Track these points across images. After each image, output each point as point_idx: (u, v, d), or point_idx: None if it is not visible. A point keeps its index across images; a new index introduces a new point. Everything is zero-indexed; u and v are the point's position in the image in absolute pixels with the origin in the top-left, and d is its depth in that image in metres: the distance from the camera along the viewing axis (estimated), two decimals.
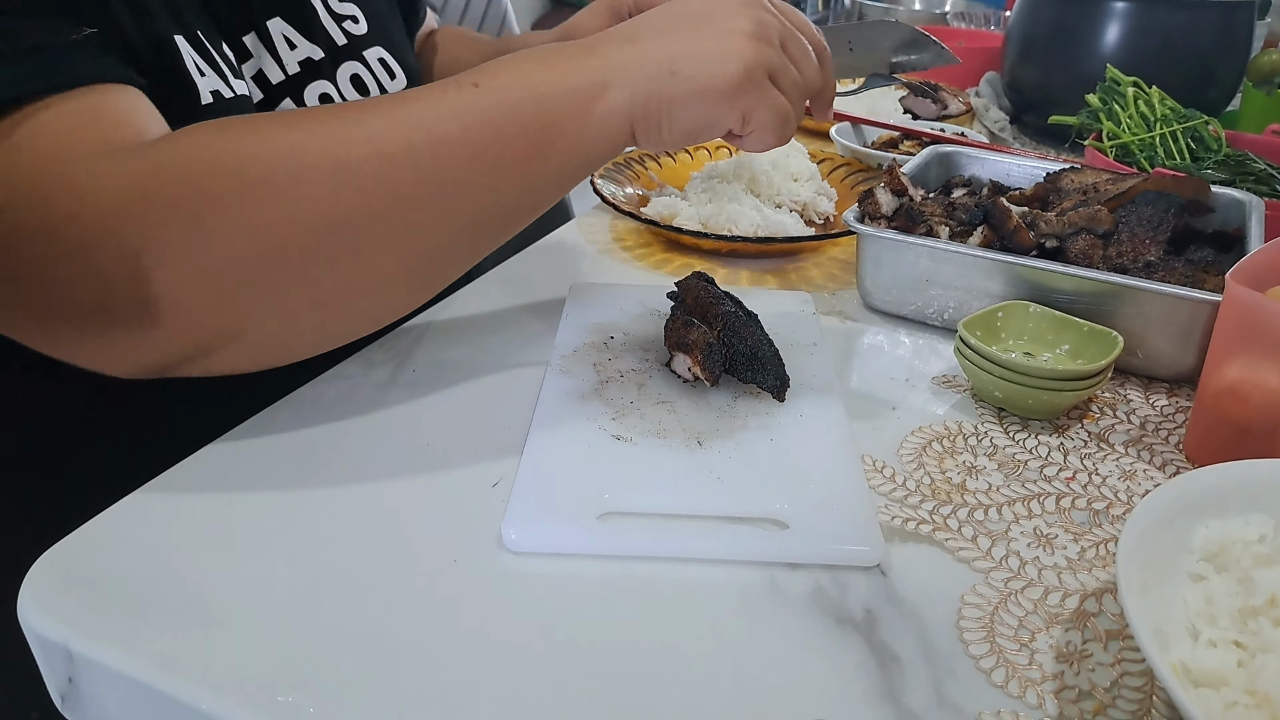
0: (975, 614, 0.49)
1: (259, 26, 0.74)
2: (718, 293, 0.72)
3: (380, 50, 0.84)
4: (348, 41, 0.81)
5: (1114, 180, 0.81)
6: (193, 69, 0.64)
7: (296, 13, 0.77)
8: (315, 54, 0.77)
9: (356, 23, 0.82)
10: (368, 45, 0.83)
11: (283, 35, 0.75)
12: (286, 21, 0.76)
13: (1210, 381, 0.60)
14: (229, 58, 0.70)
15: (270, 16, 0.75)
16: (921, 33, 0.82)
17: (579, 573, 0.50)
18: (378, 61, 0.83)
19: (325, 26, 0.79)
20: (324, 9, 0.80)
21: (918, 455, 0.61)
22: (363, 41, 0.82)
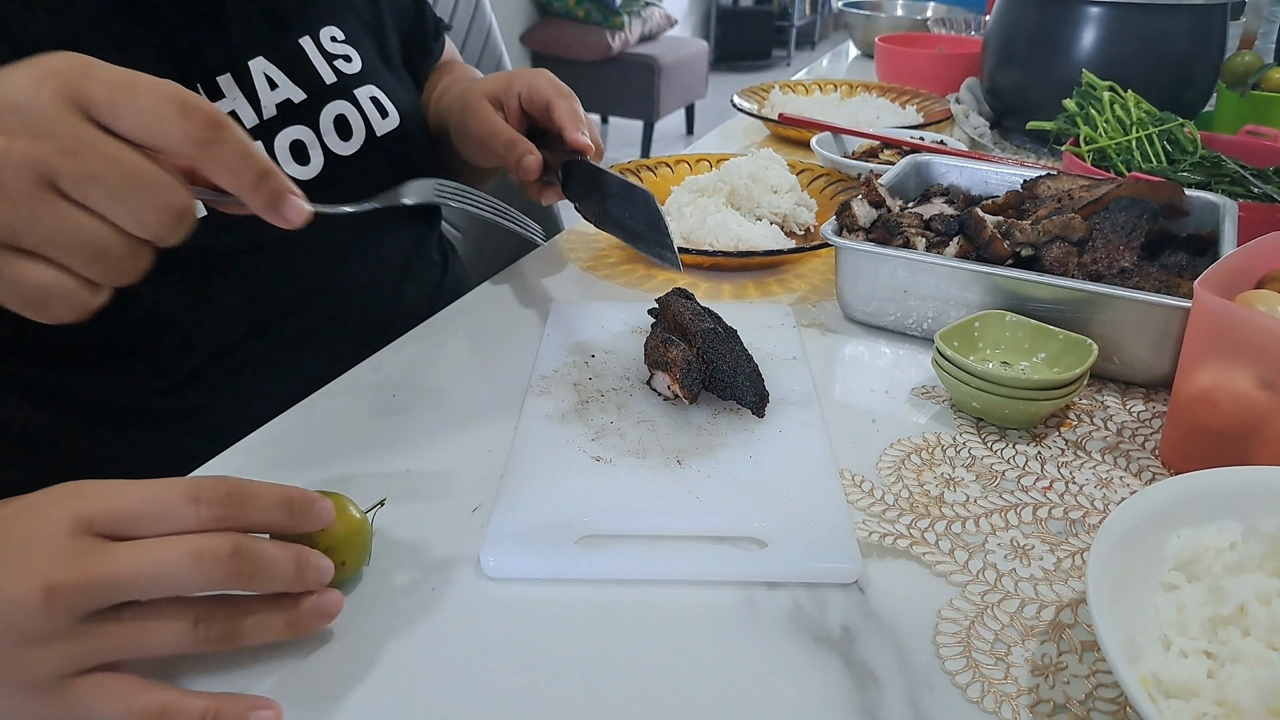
0: (952, 629, 0.49)
1: (238, 67, 0.74)
2: (697, 309, 0.72)
3: (373, 89, 0.83)
4: (338, 80, 0.81)
5: (1088, 187, 0.82)
6: None
7: (282, 52, 0.77)
8: (296, 96, 0.77)
9: (349, 61, 0.82)
10: (359, 84, 0.82)
11: (264, 75, 0.75)
12: (270, 61, 0.76)
13: (1183, 388, 0.60)
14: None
15: (253, 56, 0.75)
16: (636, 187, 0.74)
17: (557, 598, 0.51)
18: (369, 100, 0.83)
19: (314, 65, 0.79)
20: (315, 48, 0.80)
21: (896, 468, 0.62)
22: (354, 80, 0.82)
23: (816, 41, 8.18)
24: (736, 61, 7.02)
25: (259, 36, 0.76)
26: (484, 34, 1.76)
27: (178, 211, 0.39)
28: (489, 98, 0.85)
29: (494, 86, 0.85)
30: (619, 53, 4.64)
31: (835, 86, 1.51)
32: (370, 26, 0.87)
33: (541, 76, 0.84)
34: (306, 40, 0.79)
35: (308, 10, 0.80)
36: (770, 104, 1.44)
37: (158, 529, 0.41)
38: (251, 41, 0.75)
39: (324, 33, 0.81)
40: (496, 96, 0.85)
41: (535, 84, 0.83)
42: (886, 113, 1.39)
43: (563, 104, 0.80)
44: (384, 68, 0.87)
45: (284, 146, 0.75)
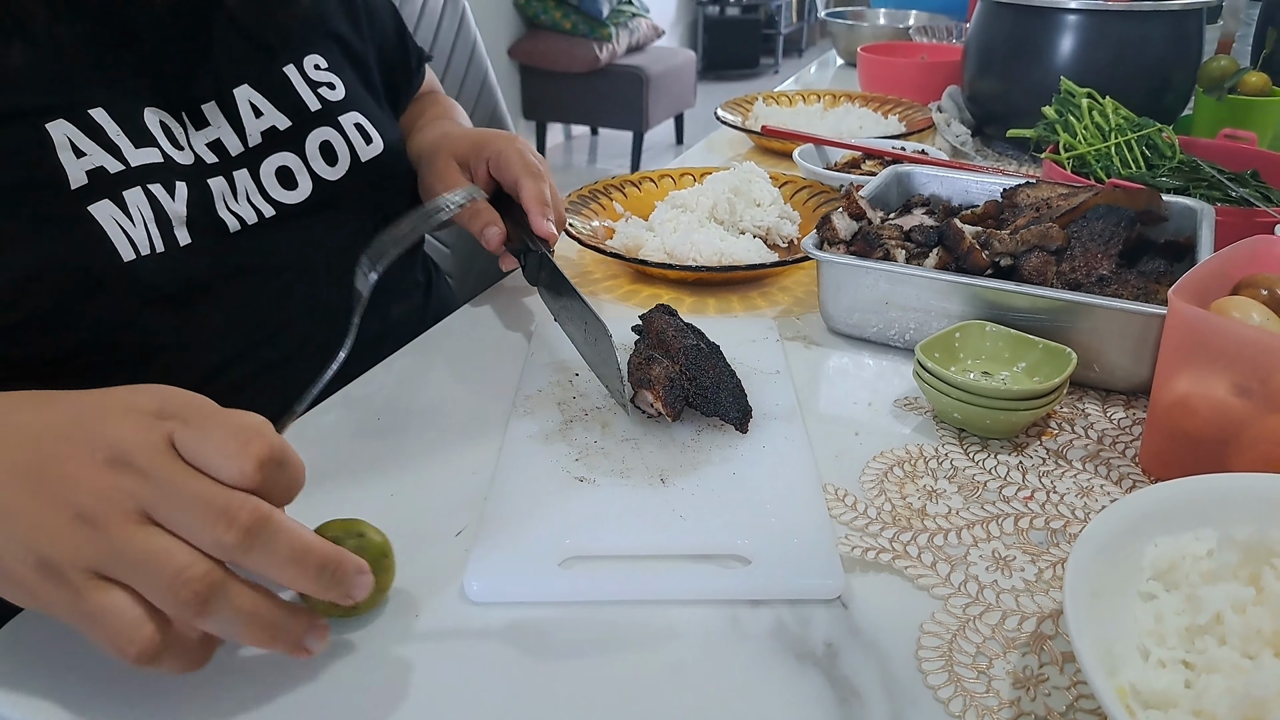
0: (934, 642, 0.49)
1: (223, 95, 0.75)
2: (680, 325, 0.73)
3: (357, 115, 0.84)
4: (322, 107, 0.81)
5: (1066, 195, 0.82)
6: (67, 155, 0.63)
7: (266, 80, 0.78)
8: (281, 123, 0.77)
9: (333, 89, 0.83)
10: (343, 111, 0.83)
11: (249, 103, 0.76)
12: (255, 89, 0.77)
13: (1161, 395, 0.61)
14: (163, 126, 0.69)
15: (238, 84, 0.76)
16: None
17: (541, 621, 0.51)
18: (354, 127, 0.83)
19: (299, 93, 0.80)
20: (300, 76, 0.80)
21: (879, 481, 0.62)
22: (338, 107, 0.82)
23: (804, 48, 8.22)
24: (724, 70, 7.05)
25: (244, 65, 0.76)
26: (469, 50, 1.76)
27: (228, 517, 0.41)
28: (457, 159, 0.85)
29: (463, 149, 0.85)
30: (607, 64, 4.66)
31: (819, 97, 1.52)
32: (353, 56, 0.88)
33: (512, 147, 0.82)
34: (291, 69, 0.80)
35: (292, 39, 0.81)
36: (754, 116, 1.45)
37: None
38: (236, 70, 0.76)
39: (308, 61, 0.82)
40: (465, 160, 0.84)
41: (505, 155, 0.81)
42: (869, 122, 1.40)
43: (531, 185, 0.79)
44: (367, 95, 0.87)
45: (270, 172, 0.76)
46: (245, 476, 0.41)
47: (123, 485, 0.41)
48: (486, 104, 1.75)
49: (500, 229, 0.80)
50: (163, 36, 0.71)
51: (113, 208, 0.64)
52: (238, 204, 0.73)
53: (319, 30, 0.84)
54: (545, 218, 0.78)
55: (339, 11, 0.88)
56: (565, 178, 4.96)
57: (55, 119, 0.63)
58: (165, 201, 0.67)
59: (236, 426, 0.43)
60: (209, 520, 0.40)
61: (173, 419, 0.43)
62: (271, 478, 0.42)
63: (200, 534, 0.41)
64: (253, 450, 0.42)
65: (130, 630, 0.40)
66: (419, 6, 1.69)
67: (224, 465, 0.41)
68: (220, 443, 0.42)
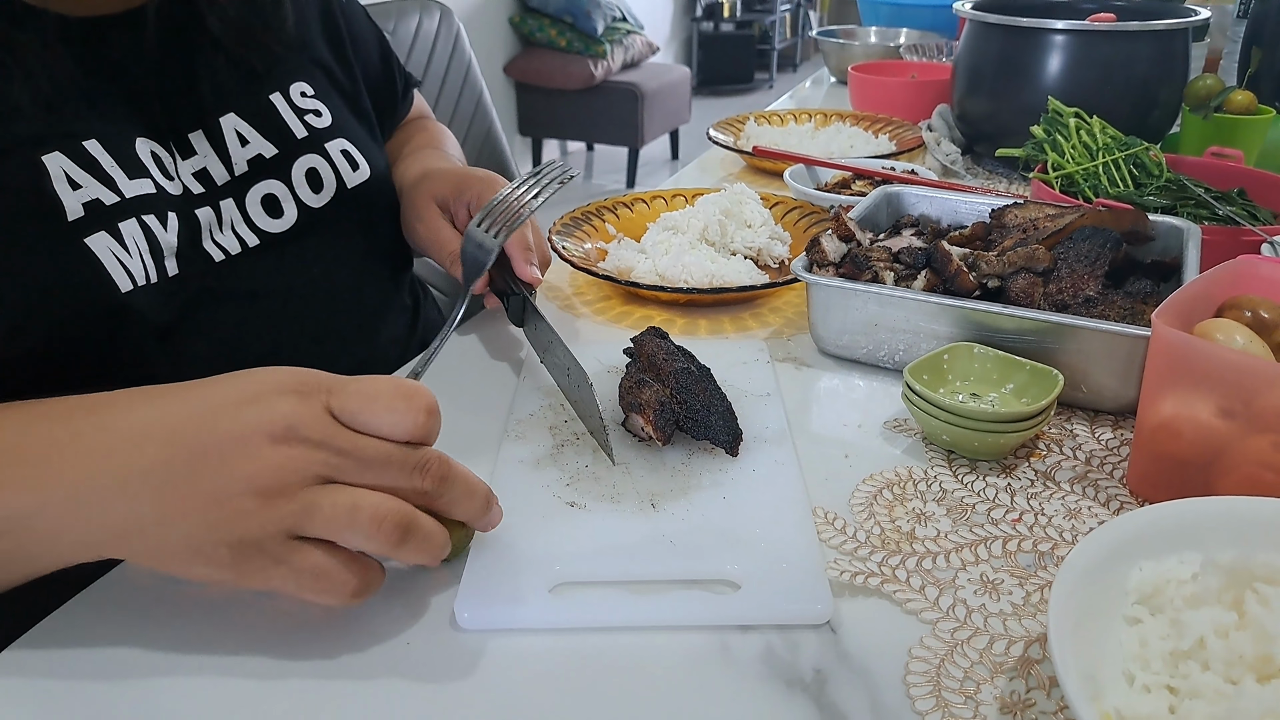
0: (922, 667, 0.49)
1: (209, 123, 0.75)
2: (671, 348, 0.73)
3: (343, 142, 0.84)
4: (309, 134, 0.81)
5: (1053, 216, 0.83)
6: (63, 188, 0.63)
7: (252, 108, 0.78)
8: (267, 151, 0.78)
9: (319, 116, 0.83)
10: (329, 138, 0.83)
11: (235, 131, 0.76)
12: (241, 117, 0.77)
13: (1146, 417, 0.61)
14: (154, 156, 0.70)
15: (224, 112, 0.76)
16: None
17: (531, 648, 0.51)
18: (340, 153, 0.83)
19: (285, 120, 0.80)
20: (286, 104, 0.81)
21: (868, 505, 0.63)
22: (324, 134, 0.83)
23: (798, 63, 8.26)
24: (719, 85, 7.08)
25: (230, 93, 0.77)
26: (464, 70, 1.78)
27: (428, 482, 0.48)
28: (437, 200, 0.84)
29: (443, 191, 0.84)
30: (602, 81, 4.69)
31: (810, 116, 1.53)
32: (338, 82, 0.89)
33: (494, 190, 0.82)
34: (277, 96, 0.80)
35: (277, 67, 0.81)
36: (746, 135, 1.45)
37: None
38: (222, 98, 0.76)
39: (294, 89, 0.82)
40: (445, 202, 0.84)
41: (487, 198, 0.81)
42: (860, 141, 1.41)
43: (518, 235, 0.79)
44: (355, 121, 0.88)
45: (255, 200, 0.76)
46: (418, 429, 0.48)
47: (298, 456, 0.45)
48: (481, 124, 1.76)
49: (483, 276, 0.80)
50: (149, 66, 0.72)
51: (109, 239, 0.64)
52: (222, 234, 0.74)
53: (304, 57, 0.85)
54: (529, 262, 0.78)
55: (323, 38, 0.88)
56: (561, 193, 4.94)
57: (51, 150, 0.64)
58: (158, 232, 0.67)
59: (394, 386, 0.48)
60: (405, 474, 0.47)
61: (318, 392, 0.47)
62: (434, 427, 0.49)
63: (400, 480, 0.47)
64: (419, 405, 0.48)
65: (340, 580, 0.47)
66: (414, 28, 1.70)
67: (398, 424, 0.47)
68: (387, 405, 0.47)
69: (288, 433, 0.45)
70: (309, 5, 0.87)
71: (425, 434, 0.49)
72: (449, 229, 0.84)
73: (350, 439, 0.47)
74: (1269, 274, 0.68)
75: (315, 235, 0.80)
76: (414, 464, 0.48)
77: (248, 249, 0.75)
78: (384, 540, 0.46)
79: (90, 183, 0.65)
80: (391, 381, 0.49)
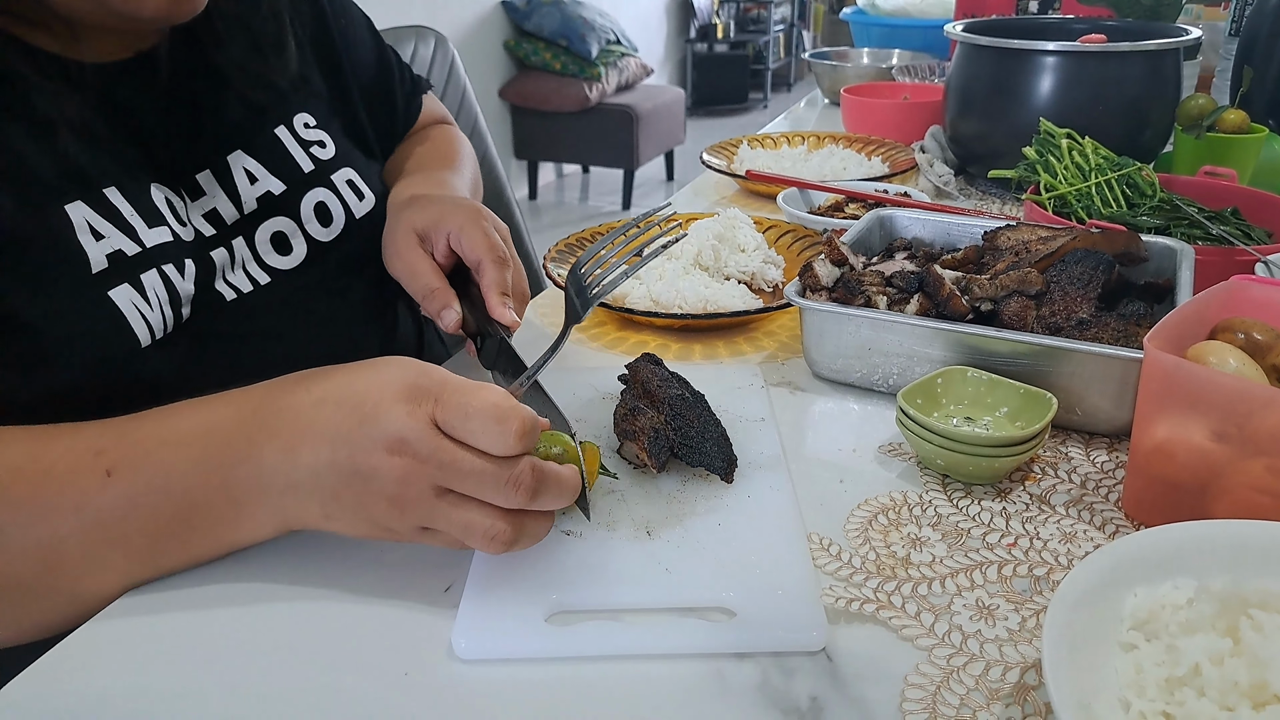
0: (918, 694, 0.49)
1: (217, 163, 0.75)
2: (665, 375, 0.74)
3: (349, 171, 0.84)
4: (315, 167, 0.81)
5: (1046, 239, 0.84)
6: (86, 238, 0.63)
7: (259, 145, 0.78)
8: (275, 188, 0.78)
9: (324, 147, 0.83)
10: (335, 169, 0.83)
11: (244, 169, 0.76)
12: (248, 154, 0.77)
13: (1140, 441, 0.61)
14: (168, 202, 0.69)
15: (231, 150, 0.76)
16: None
17: (528, 678, 0.51)
18: (346, 184, 0.83)
19: (292, 155, 0.80)
20: (291, 137, 0.81)
21: (863, 530, 0.63)
22: (330, 165, 0.83)
23: (792, 83, 8.31)
24: (714, 106, 7.12)
25: (235, 131, 0.77)
26: (459, 96, 1.79)
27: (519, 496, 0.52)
28: (417, 231, 0.79)
29: (423, 221, 0.79)
30: (597, 103, 4.71)
31: (803, 139, 1.54)
32: (336, 106, 0.89)
33: (476, 225, 0.77)
34: (282, 129, 0.80)
35: (280, 99, 0.81)
36: (739, 159, 1.46)
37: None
38: (228, 136, 0.76)
39: (297, 120, 0.82)
40: (425, 232, 0.78)
41: (468, 233, 0.76)
42: (853, 163, 1.41)
43: (491, 270, 0.74)
44: (353, 147, 0.88)
45: (265, 239, 0.77)
46: (510, 449, 0.51)
47: (412, 469, 0.51)
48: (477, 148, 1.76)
49: (457, 313, 0.74)
50: (157, 109, 0.71)
51: (132, 292, 0.64)
52: (234, 274, 0.74)
53: (305, 87, 0.85)
54: (504, 305, 0.74)
55: (316, 64, 0.88)
56: (558, 215, 4.99)
57: (73, 200, 0.63)
58: (177, 281, 0.67)
59: (490, 407, 0.51)
60: (499, 489, 0.52)
61: (426, 401, 0.52)
62: (527, 445, 0.52)
63: (495, 498, 0.52)
64: (510, 429, 0.51)
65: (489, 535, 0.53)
66: (409, 55, 1.71)
67: (492, 444, 0.51)
68: (482, 426, 0.51)
69: (401, 445, 0.51)
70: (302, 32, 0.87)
71: (518, 453, 0.52)
72: (425, 261, 0.77)
73: (452, 453, 0.51)
74: (1261, 296, 0.68)
75: (321, 267, 0.80)
76: (506, 480, 0.52)
77: (259, 287, 0.75)
78: (496, 550, 0.54)
79: (112, 233, 0.64)
80: (489, 400, 0.52)
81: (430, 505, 0.52)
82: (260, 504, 0.55)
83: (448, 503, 0.52)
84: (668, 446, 0.66)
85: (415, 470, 0.51)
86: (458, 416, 0.51)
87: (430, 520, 0.53)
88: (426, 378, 0.53)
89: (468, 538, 0.53)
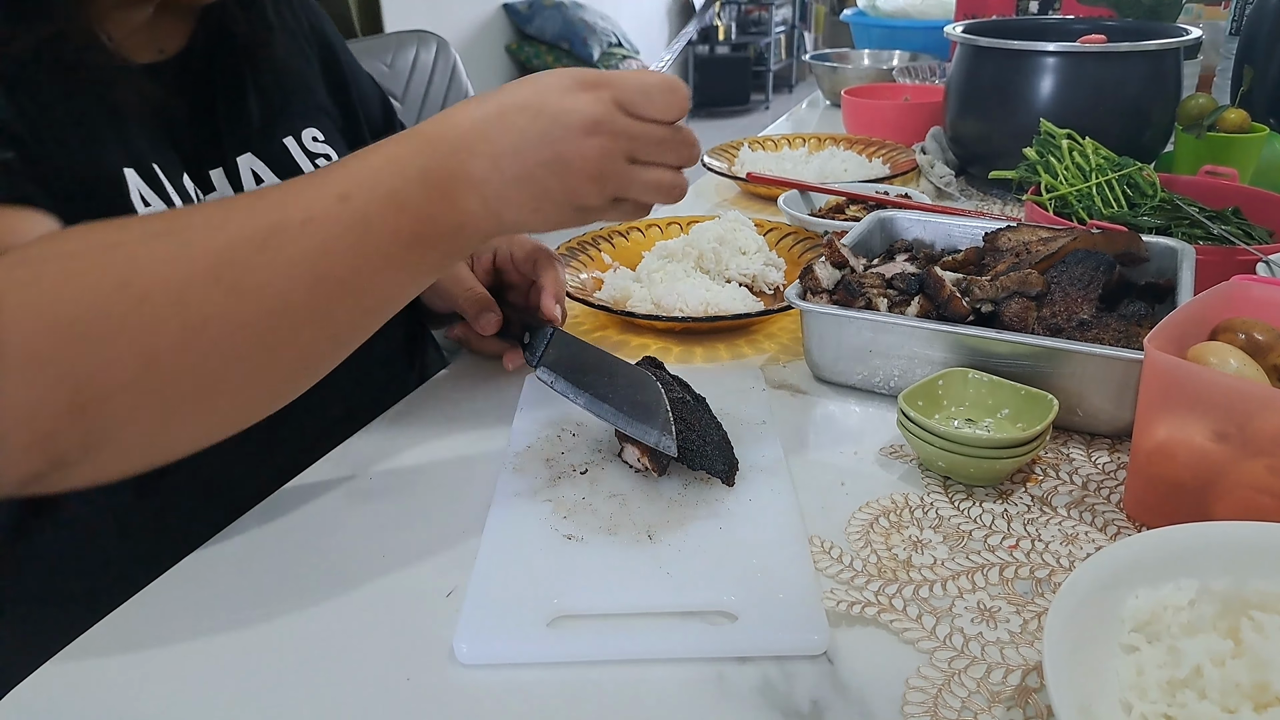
0: (919, 698, 0.49)
1: (228, 162, 0.78)
2: (666, 378, 0.74)
3: None
4: None
5: (1046, 240, 0.84)
6: (137, 201, 0.67)
7: (268, 150, 0.81)
8: None
9: (329, 160, 0.85)
10: None
11: (251, 170, 0.79)
12: (257, 157, 0.80)
13: (1141, 442, 0.61)
14: (187, 191, 0.73)
15: (241, 152, 0.79)
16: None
17: (529, 682, 0.51)
18: None
19: (298, 163, 0.83)
20: (299, 148, 0.84)
21: (865, 533, 0.63)
22: None
23: (794, 84, 8.30)
24: (716, 108, 7.11)
25: (247, 134, 0.80)
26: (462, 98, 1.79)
27: (691, 152, 0.62)
28: None
29: None
30: None
31: (803, 141, 1.54)
32: (344, 129, 0.91)
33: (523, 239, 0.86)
34: (290, 140, 0.83)
35: (289, 112, 0.84)
36: (740, 161, 1.46)
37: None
38: (241, 139, 0.79)
39: (305, 134, 0.85)
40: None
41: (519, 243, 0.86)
42: (854, 165, 1.41)
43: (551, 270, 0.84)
44: None
45: None
46: (685, 110, 0.60)
47: (608, 145, 0.57)
48: None
49: (497, 315, 0.81)
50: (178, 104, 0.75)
51: None
52: None
53: (312, 103, 0.87)
54: (555, 304, 0.82)
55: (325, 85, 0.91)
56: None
57: (129, 165, 0.68)
58: None
59: (663, 79, 0.59)
60: (677, 149, 0.60)
61: (602, 88, 0.58)
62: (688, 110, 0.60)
63: (672, 158, 0.61)
64: (683, 94, 0.59)
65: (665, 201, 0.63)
66: (411, 59, 1.72)
67: (670, 110, 0.59)
68: (661, 97, 0.58)
69: (595, 127, 0.57)
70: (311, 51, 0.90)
71: (684, 117, 0.60)
72: (467, 270, 0.85)
73: (639, 127, 0.58)
74: (1262, 296, 0.68)
75: None
76: (681, 140, 0.60)
77: None
78: (676, 199, 0.63)
79: (157, 203, 0.68)
80: (657, 76, 0.60)
81: (626, 174, 0.59)
82: (479, 213, 0.57)
83: (638, 169, 0.60)
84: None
85: (610, 146, 0.58)
86: (638, 94, 0.58)
87: (625, 188, 0.60)
88: (588, 72, 0.59)
89: (656, 195, 0.61)
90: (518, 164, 0.56)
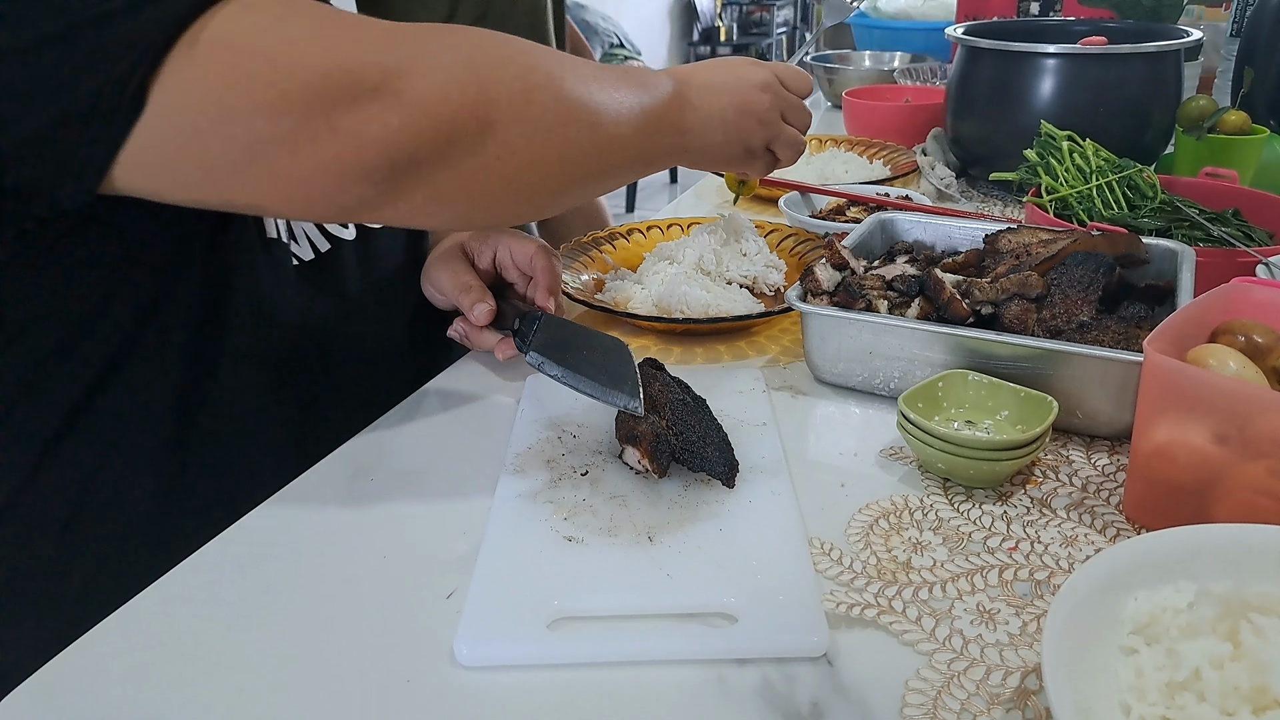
0: (919, 700, 0.49)
1: None
2: (667, 380, 0.74)
3: None
4: None
5: (1046, 242, 0.84)
6: None
7: None
8: None
9: None
10: None
11: None
12: None
13: (1141, 444, 0.62)
14: None
15: None
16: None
17: (529, 684, 0.51)
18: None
19: None
20: None
21: (865, 534, 0.63)
22: None
23: None
24: None
25: None
26: None
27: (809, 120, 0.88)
28: (462, 244, 0.90)
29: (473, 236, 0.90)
30: None
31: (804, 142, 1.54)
32: None
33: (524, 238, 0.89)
34: None
35: None
36: None
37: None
38: None
39: None
40: (470, 245, 0.90)
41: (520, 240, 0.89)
42: (855, 166, 1.42)
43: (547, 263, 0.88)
44: None
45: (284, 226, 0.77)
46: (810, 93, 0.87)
47: (772, 100, 0.82)
48: None
49: (491, 305, 0.83)
50: None
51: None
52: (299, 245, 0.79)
53: None
54: (552, 293, 0.86)
55: None
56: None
57: None
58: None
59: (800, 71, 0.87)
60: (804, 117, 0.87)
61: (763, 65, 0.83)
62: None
63: (803, 123, 0.87)
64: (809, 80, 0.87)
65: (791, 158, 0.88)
66: None
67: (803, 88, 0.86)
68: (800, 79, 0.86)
69: (768, 86, 0.81)
70: None
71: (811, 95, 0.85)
72: (465, 264, 0.88)
73: (788, 95, 0.84)
74: (1262, 298, 0.68)
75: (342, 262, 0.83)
76: (807, 110, 0.87)
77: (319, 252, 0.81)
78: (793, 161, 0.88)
79: None
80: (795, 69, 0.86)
81: (779, 125, 0.83)
82: (696, 129, 0.76)
83: (784, 124, 0.83)
84: (669, 451, 0.66)
85: (774, 101, 0.81)
86: (790, 74, 0.84)
87: (775, 136, 0.83)
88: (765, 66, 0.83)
89: (791, 148, 0.86)
90: (717, 102, 0.77)
